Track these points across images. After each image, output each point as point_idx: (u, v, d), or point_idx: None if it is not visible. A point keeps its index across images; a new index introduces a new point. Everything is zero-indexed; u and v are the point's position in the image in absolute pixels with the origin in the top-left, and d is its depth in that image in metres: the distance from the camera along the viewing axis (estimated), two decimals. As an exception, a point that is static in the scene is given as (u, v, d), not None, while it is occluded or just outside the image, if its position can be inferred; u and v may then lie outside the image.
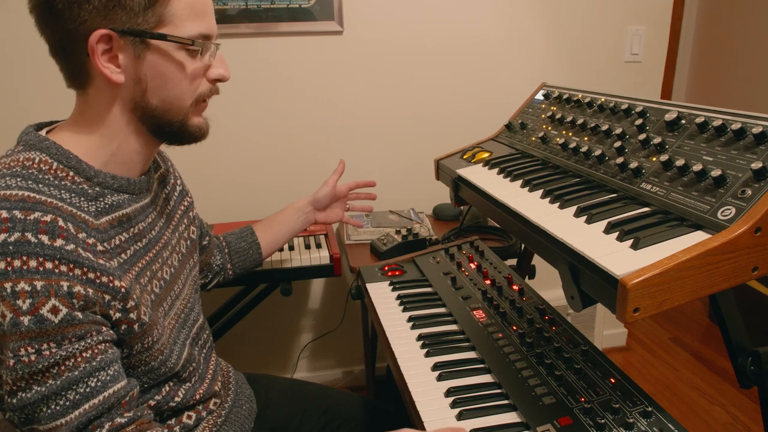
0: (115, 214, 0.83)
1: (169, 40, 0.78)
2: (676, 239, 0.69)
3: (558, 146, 1.07)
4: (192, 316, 1.02)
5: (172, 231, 1.01)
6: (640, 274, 0.63)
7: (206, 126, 0.89)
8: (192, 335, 1.00)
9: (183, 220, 1.07)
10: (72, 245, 0.71)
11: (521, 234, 0.91)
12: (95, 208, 0.80)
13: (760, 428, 1.95)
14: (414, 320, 1.18)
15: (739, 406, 2.08)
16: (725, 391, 2.17)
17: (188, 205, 1.12)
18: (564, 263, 0.76)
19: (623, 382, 0.91)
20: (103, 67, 0.77)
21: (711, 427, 1.99)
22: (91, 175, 0.80)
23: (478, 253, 1.45)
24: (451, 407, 0.92)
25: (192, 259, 1.08)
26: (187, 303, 1.01)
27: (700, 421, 2.02)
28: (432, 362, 1.03)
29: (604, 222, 0.78)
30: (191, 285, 1.05)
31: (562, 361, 0.98)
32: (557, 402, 0.89)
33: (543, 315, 1.13)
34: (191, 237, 1.09)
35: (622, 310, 0.64)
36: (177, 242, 1.02)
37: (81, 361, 0.72)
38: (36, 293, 0.67)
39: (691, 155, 0.80)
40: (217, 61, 0.86)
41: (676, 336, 2.59)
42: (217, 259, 1.28)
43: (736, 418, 2.03)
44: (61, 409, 0.71)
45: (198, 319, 1.04)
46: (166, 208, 1.02)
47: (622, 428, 0.81)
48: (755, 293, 2.38)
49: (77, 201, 0.77)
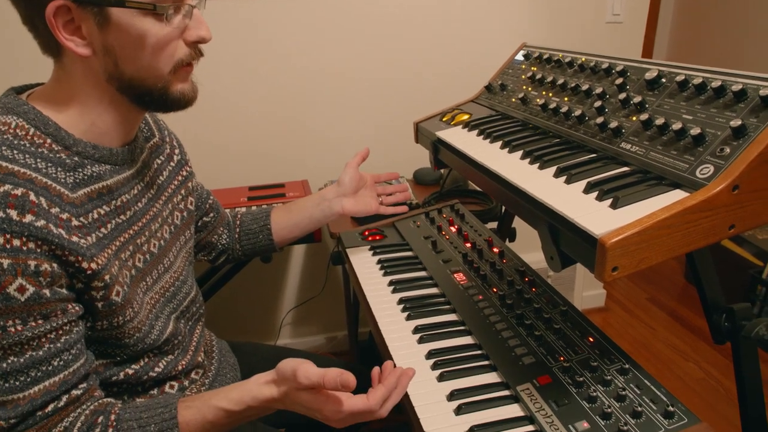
0: (94, 186, 0.80)
1: (128, 6, 0.73)
2: (655, 198, 0.70)
3: (538, 107, 1.06)
4: (183, 290, 1.00)
5: (164, 202, 0.97)
6: (619, 233, 0.63)
7: (191, 92, 0.84)
8: (181, 309, 0.98)
9: (179, 191, 1.03)
10: (42, 221, 0.68)
11: (501, 196, 0.90)
12: (73, 179, 0.77)
13: (731, 382, 2.02)
14: (395, 284, 1.19)
15: (712, 362, 2.15)
16: (699, 349, 2.23)
17: (187, 176, 1.07)
18: (543, 224, 0.76)
19: (601, 341, 0.92)
20: (66, 40, 0.73)
21: (685, 383, 2.05)
22: (70, 144, 0.77)
23: (459, 217, 1.45)
24: (432, 369, 0.93)
25: (188, 231, 1.05)
26: (178, 276, 0.98)
27: (674, 377, 2.08)
28: (413, 325, 1.04)
29: (583, 182, 0.78)
30: (184, 258, 1.02)
31: (541, 322, 1.00)
32: (537, 362, 0.90)
33: (523, 277, 1.14)
34: (188, 208, 1.05)
35: (601, 269, 0.65)
36: (170, 214, 0.99)
37: (45, 342, 0.71)
38: (2, 272, 0.66)
39: (671, 114, 0.80)
40: (194, 23, 0.80)
41: (653, 296, 2.65)
42: (223, 237, 1.23)
43: (709, 373, 2.09)
44: (21, 384, 0.70)
45: (190, 293, 1.02)
46: (158, 179, 0.97)
47: (600, 385, 0.83)
48: (729, 253, 2.42)
49: (53, 171, 0.74)
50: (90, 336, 0.79)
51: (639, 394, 0.81)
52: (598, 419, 0.78)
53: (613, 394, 0.81)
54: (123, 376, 0.86)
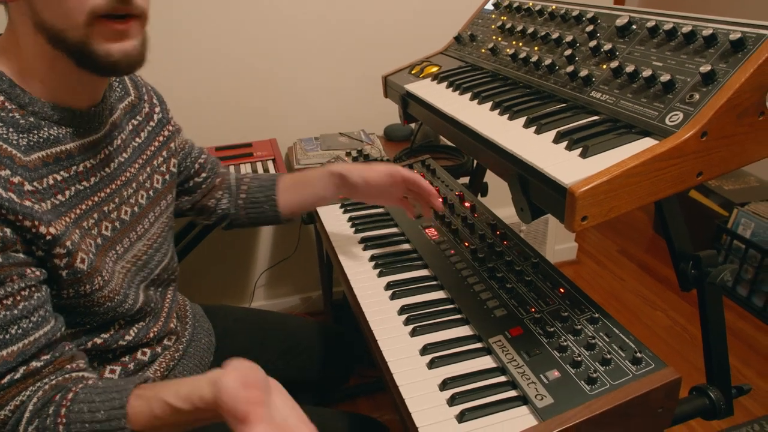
0: (51, 150, 0.75)
1: None
2: (625, 146, 0.70)
3: (508, 57, 1.04)
4: (156, 258, 0.95)
5: (141, 166, 0.92)
6: (588, 182, 0.63)
7: (122, 55, 0.72)
8: (151, 278, 0.94)
9: (160, 153, 0.97)
10: None
11: (471, 148, 0.90)
12: (26, 141, 0.72)
13: (696, 329, 2.09)
14: (366, 241, 1.18)
15: (679, 310, 2.22)
16: (667, 298, 2.30)
17: (169, 135, 1.00)
18: (513, 175, 0.76)
19: (572, 292, 0.93)
20: None
21: (652, 331, 2.11)
22: (25, 103, 0.72)
23: (430, 172, 1.44)
24: (405, 324, 0.93)
25: (170, 195, 1.00)
26: (152, 244, 0.94)
27: (643, 326, 2.14)
28: (385, 282, 1.04)
29: (553, 132, 0.77)
30: (163, 224, 0.97)
31: (513, 274, 1.00)
32: (508, 314, 0.91)
33: (494, 230, 1.14)
34: (171, 170, 0.99)
35: (570, 219, 0.65)
36: (148, 178, 0.93)
37: (0, 309, 0.67)
38: None
39: (641, 61, 0.79)
40: None
41: (623, 248, 2.70)
42: (223, 202, 1.14)
43: (675, 321, 2.16)
44: None
45: (163, 260, 0.97)
46: (133, 141, 0.91)
47: (570, 335, 0.84)
48: (697, 204, 2.47)
49: (4, 132, 0.70)
50: (56, 304, 0.75)
51: (608, 342, 0.82)
52: (569, 367, 0.79)
53: (583, 343, 0.82)
54: (91, 345, 0.83)
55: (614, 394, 0.74)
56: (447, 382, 0.80)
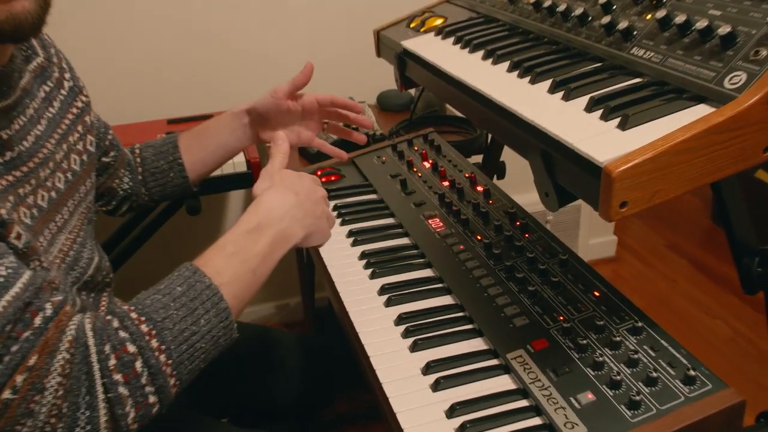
0: None
1: None
2: (673, 115, 0.69)
3: (529, 6, 1.04)
4: (85, 254, 0.96)
5: (57, 142, 0.92)
6: (627, 160, 0.63)
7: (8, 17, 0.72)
8: (85, 279, 0.95)
9: (75, 128, 0.98)
10: None
11: (484, 119, 0.90)
12: None
13: (762, 340, 2.10)
14: (355, 235, 1.19)
15: (742, 317, 2.23)
16: (727, 303, 2.31)
17: (83, 108, 1.02)
18: (536, 152, 0.76)
19: (609, 295, 0.94)
20: None
21: (709, 343, 2.12)
22: None
23: (434, 149, 1.45)
24: (404, 337, 0.94)
25: (89, 180, 1.01)
26: (75, 238, 0.94)
27: (697, 337, 2.15)
28: (379, 284, 1.05)
29: (585, 98, 0.77)
30: (83, 214, 0.98)
31: (536, 275, 1.01)
32: (531, 323, 0.92)
33: (514, 220, 1.15)
34: (88, 149, 1.00)
35: (607, 206, 0.65)
36: (65, 157, 0.94)
37: None
38: None
39: (694, 10, 0.79)
40: None
41: (672, 242, 2.71)
42: (125, 181, 1.19)
43: (738, 331, 2.17)
44: None
45: (93, 258, 0.98)
46: (47, 112, 0.92)
47: (608, 348, 0.85)
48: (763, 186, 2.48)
49: None
50: None
51: (654, 357, 0.82)
52: (606, 389, 0.79)
53: (624, 359, 0.83)
54: None
55: (662, 421, 0.74)
56: (456, 407, 0.80)
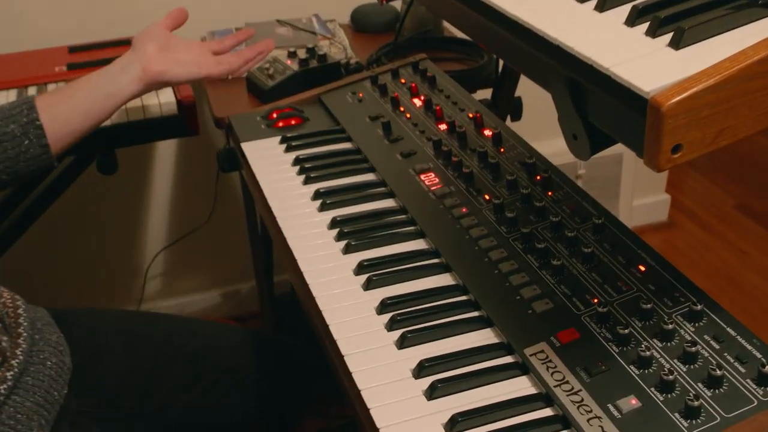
0: None
1: None
2: (745, 28, 0.70)
3: None
4: None
5: None
6: (683, 89, 0.63)
7: None
8: None
9: None
10: None
11: (493, 39, 0.90)
12: None
13: None
14: (324, 196, 1.19)
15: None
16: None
17: None
18: (560, 81, 0.76)
19: (659, 270, 0.95)
20: None
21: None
22: None
23: (427, 81, 1.44)
24: (388, 329, 0.95)
25: None
26: None
27: (777, 325, 2.19)
28: (355, 261, 1.06)
29: (626, 7, 0.77)
30: None
31: (563, 244, 1.02)
32: (555, 307, 0.93)
33: (533, 174, 1.15)
34: None
35: (655, 151, 0.65)
36: None
37: None
38: None
39: None
40: None
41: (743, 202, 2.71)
42: None
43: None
44: None
45: None
46: None
47: (657, 339, 0.86)
48: None
49: None
50: None
51: (718, 350, 0.84)
52: (654, 393, 0.80)
53: (678, 353, 0.84)
54: None
55: (728, 432, 0.75)
56: (458, 420, 0.81)
